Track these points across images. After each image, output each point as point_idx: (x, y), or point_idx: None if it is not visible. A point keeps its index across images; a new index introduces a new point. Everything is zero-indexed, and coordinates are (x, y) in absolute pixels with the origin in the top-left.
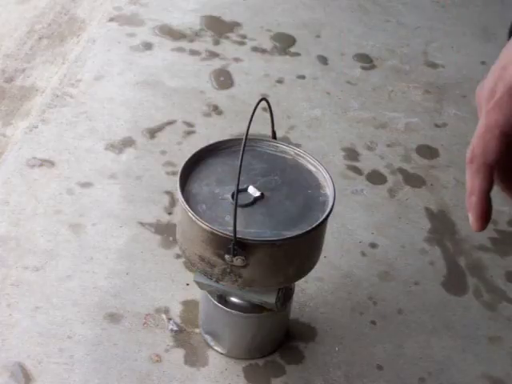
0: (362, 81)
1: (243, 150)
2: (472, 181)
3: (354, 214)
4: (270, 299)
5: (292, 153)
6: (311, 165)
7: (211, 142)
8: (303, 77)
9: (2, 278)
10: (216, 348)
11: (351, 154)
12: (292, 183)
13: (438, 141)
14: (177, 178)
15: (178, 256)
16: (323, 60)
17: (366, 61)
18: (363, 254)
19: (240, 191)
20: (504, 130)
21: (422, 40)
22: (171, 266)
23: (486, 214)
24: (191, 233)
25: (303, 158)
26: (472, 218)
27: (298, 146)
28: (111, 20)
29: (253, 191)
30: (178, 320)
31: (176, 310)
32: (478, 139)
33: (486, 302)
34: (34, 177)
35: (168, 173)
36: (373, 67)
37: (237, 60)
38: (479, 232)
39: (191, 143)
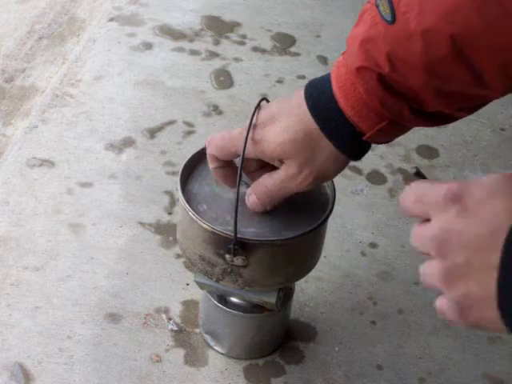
0: None
1: (243, 149)
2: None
3: (354, 213)
4: (271, 299)
5: None
6: None
7: None
8: (303, 77)
9: (2, 277)
10: (216, 348)
11: None
12: None
13: (438, 141)
14: (177, 178)
15: (178, 256)
16: (323, 60)
17: None
18: (363, 253)
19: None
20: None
21: None
22: (171, 266)
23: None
24: (191, 232)
25: None
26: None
27: None
28: (111, 20)
29: None
30: (178, 320)
31: (176, 310)
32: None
33: None
34: (34, 177)
35: (168, 173)
36: None
37: (237, 60)
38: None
39: (191, 143)
